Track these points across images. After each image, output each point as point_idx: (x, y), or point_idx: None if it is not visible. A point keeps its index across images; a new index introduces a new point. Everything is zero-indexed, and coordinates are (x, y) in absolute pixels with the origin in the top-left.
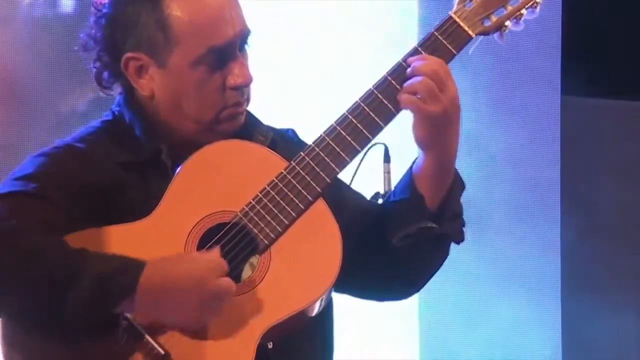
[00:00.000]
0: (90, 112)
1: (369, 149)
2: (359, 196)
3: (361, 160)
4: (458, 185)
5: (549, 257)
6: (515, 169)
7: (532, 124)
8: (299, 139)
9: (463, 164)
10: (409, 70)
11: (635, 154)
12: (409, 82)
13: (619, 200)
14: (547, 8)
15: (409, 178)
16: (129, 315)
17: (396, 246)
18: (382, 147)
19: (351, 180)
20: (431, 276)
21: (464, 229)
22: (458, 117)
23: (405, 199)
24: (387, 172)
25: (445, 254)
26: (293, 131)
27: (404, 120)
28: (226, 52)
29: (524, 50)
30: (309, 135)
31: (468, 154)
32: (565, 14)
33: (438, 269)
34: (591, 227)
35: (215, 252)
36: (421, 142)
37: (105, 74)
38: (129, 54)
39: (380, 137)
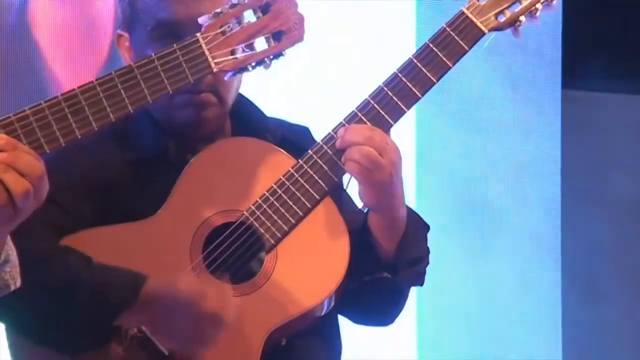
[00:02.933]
0: None
1: None
2: (356, 213)
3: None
4: (416, 229)
5: (549, 254)
6: (514, 168)
7: (533, 118)
8: (313, 139)
9: (463, 163)
10: (338, 142)
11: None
12: (349, 151)
13: (621, 195)
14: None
15: (364, 230)
16: None
17: (356, 291)
18: None
19: (350, 177)
20: (397, 314)
21: (425, 272)
22: (400, 173)
23: (361, 249)
24: None
25: (404, 298)
26: (308, 130)
27: (404, 122)
28: (176, 30)
29: (525, 43)
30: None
31: (468, 152)
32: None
33: (401, 310)
34: (593, 222)
35: (225, 285)
36: (366, 205)
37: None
38: (118, 31)
39: None
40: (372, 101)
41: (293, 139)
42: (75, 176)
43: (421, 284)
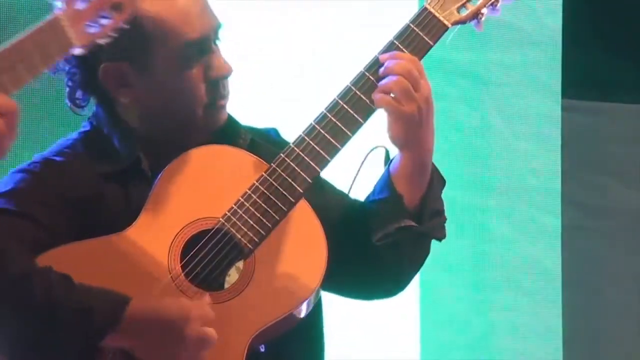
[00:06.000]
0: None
1: (369, 152)
2: (341, 195)
3: (362, 164)
4: (438, 182)
5: (550, 260)
6: (515, 170)
7: (532, 127)
8: (282, 139)
9: (464, 170)
10: (381, 70)
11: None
12: (383, 81)
13: (621, 203)
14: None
15: (387, 177)
16: None
17: (377, 245)
18: (383, 151)
19: (352, 184)
20: (414, 274)
21: (445, 226)
22: (432, 115)
23: (383, 199)
24: None
25: (426, 252)
26: (276, 131)
27: None
28: (202, 46)
29: (524, 53)
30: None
31: (468, 160)
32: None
33: (420, 267)
34: (593, 230)
35: (205, 299)
36: (396, 140)
37: (79, 92)
38: (107, 64)
39: (381, 140)
40: (340, 101)
41: (263, 143)
42: (49, 192)
43: (443, 237)
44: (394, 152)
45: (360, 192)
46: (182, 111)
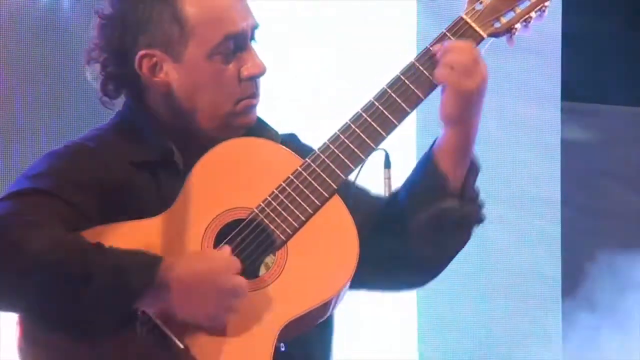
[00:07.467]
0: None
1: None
2: (367, 192)
3: (361, 166)
4: (475, 167)
5: (550, 267)
6: (515, 178)
7: (532, 135)
8: (302, 143)
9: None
10: (439, 49)
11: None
12: (445, 57)
13: (620, 205)
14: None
15: (430, 159)
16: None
17: (417, 229)
18: (383, 153)
19: (360, 169)
20: (451, 259)
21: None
22: (484, 94)
23: (427, 180)
24: (388, 178)
25: (468, 234)
26: (295, 136)
27: (404, 127)
28: (239, 42)
29: (524, 61)
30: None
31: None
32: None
33: (459, 252)
34: (593, 234)
35: (227, 250)
36: (449, 117)
37: (111, 85)
38: (143, 51)
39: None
40: (376, 103)
41: (290, 144)
42: (83, 178)
43: (481, 221)
44: (394, 154)
45: None
46: (213, 106)
